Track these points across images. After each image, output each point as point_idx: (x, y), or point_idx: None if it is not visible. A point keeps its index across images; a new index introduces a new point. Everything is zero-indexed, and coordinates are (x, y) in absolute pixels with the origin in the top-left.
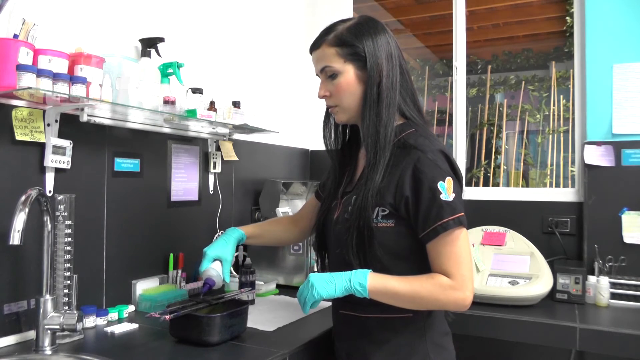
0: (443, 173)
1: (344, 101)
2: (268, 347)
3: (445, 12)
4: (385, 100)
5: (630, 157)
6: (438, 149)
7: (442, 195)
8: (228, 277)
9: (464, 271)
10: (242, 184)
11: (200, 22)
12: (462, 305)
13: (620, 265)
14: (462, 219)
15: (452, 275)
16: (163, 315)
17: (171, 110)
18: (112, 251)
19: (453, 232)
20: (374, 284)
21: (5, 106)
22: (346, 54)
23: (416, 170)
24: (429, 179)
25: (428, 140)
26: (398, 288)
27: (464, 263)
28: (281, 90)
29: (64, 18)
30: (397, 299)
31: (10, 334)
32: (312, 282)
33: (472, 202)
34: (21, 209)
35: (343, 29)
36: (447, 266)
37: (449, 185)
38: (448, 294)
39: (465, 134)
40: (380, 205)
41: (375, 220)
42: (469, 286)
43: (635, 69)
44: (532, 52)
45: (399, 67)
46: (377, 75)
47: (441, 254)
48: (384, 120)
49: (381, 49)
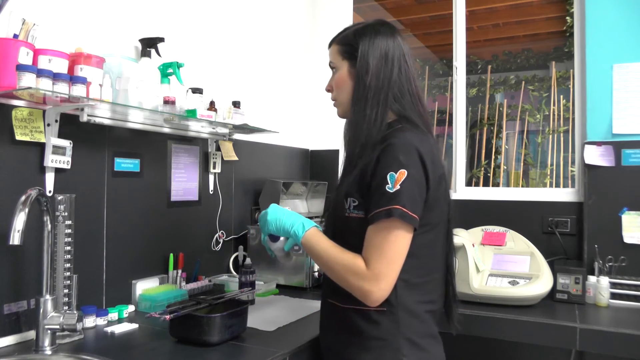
0: (398, 165)
1: (339, 96)
2: (268, 347)
3: (445, 12)
4: (372, 100)
5: (630, 157)
6: (407, 142)
7: (387, 186)
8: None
9: (382, 266)
10: (242, 184)
11: (200, 22)
12: (365, 297)
13: (620, 265)
14: (397, 212)
15: (369, 264)
16: (163, 315)
17: (171, 110)
18: (112, 251)
19: (384, 222)
20: (308, 237)
21: (5, 106)
22: (344, 51)
23: (377, 160)
24: (382, 167)
25: (406, 135)
26: (322, 250)
27: (385, 258)
28: (281, 90)
29: (64, 18)
30: (318, 260)
31: (10, 334)
32: (268, 213)
33: (472, 202)
34: (21, 209)
35: (352, 29)
36: (369, 254)
37: (400, 177)
38: (355, 279)
39: (465, 134)
40: (351, 196)
41: (347, 211)
42: (380, 282)
43: (635, 69)
44: (532, 52)
45: (398, 68)
46: (365, 73)
47: (368, 241)
48: (368, 119)
49: (376, 49)
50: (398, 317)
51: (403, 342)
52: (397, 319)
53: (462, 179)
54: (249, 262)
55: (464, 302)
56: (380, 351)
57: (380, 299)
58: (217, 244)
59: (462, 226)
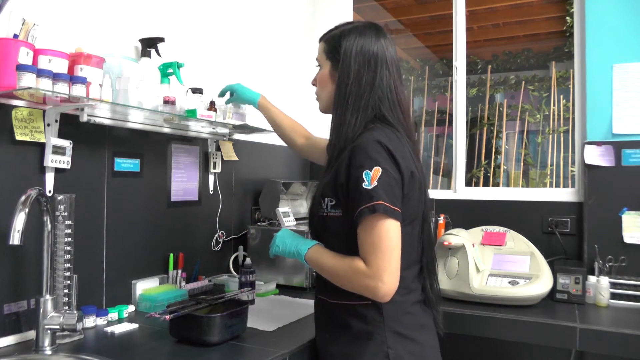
0: (371, 162)
1: (320, 93)
2: (268, 347)
3: (445, 12)
4: (352, 106)
5: (630, 157)
6: (375, 140)
7: (364, 184)
8: None
9: (380, 260)
10: (242, 184)
11: (200, 22)
12: (374, 294)
13: (620, 265)
14: (381, 207)
15: (368, 263)
16: (163, 315)
17: (171, 110)
18: (112, 251)
19: (369, 219)
20: (310, 254)
21: (5, 106)
22: (328, 51)
23: (349, 161)
24: (356, 168)
25: (372, 133)
26: (325, 264)
27: (381, 252)
28: (281, 90)
29: (64, 18)
30: (324, 273)
31: (10, 334)
32: (277, 235)
33: (472, 202)
34: (21, 209)
35: (339, 30)
36: (364, 253)
37: (375, 174)
38: (359, 280)
39: (465, 134)
40: (327, 195)
41: (325, 210)
42: (383, 276)
43: (635, 69)
44: (532, 52)
45: (380, 75)
46: (346, 76)
47: (361, 241)
48: (348, 124)
49: (359, 53)
50: (382, 310)
51: (389, 334)
52: (382, 312)
53: (462, 179)
54: (249, 262)
55: (464, 302)
56: (366, 344)
57: (390, 292)
58: (217, 244)
59: (462, 226)
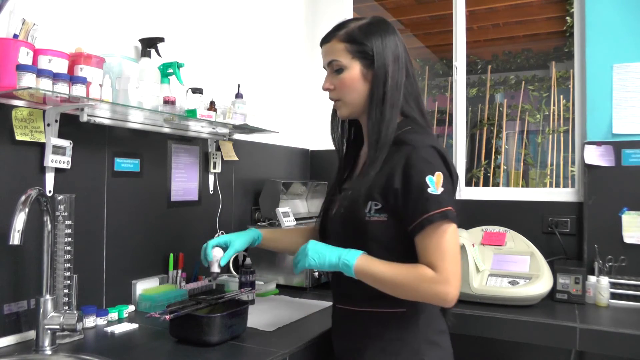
0: (433, 168)
1: (346, 96)
2: (268, 347)
3: (445, 12)
4: (390, 101)
5: (630, 157)
6: (430, 145)
7: (430, 189)
8: (225, 261)
9: (449, 265)
10: (242, 184)
11: (200, 22)
12: (443, 299)
13: (620, 265)
14: (449, 213)
15: (436, 268)
16: (163, 315)
17: (171, 110)
18: (112, 251)
19: (439, 225)
20: (360, 264)
21: (5, 106)
22: (354, 51)
23: (407, 165)
24: (418, 173)
25: (421, 137)
26: (382, 273)
27: (450, 257)
28: (281, 90)
29: (64, 18)
30: (380, 284)
31: (10, 334)
32: (308, 248)
33: (472, 202)
34: (21, 209)
35: (355, 27)
36: (432, 259)
37: (438, 179)
38: (429, 286)
39: (465, 134)
40: (372, 199)
41: (368, 214)
42: (452, 281)
43: (635, 69)
44: (532, 52)
45: (405, 69)
46: (383, 75)
47: (427, 247)
48: (386, 120)
49: (388, 50)
50: (418, 317)
51: (421, 341)
52: (417, 318)
53: (462, 179)
54: (249, 262)
55: (464, 302)
56: (399, 352)
57: (456, 298)
58: None
59: (462, 226)
